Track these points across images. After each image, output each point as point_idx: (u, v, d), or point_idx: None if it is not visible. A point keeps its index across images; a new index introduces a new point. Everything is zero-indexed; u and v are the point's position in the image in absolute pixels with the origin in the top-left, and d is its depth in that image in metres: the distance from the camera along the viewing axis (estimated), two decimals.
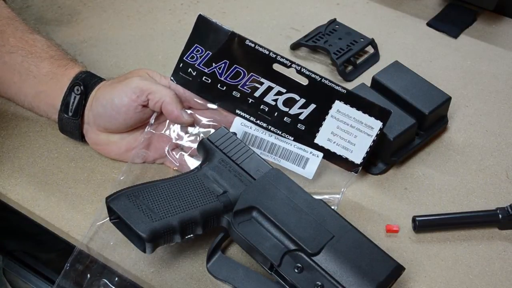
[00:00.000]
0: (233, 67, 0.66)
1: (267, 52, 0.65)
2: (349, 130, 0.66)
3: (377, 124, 0.65)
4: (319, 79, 0.65)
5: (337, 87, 0.65)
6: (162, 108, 0.65)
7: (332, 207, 0.60)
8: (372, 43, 0.86)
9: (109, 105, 0.64)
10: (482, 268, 0.63)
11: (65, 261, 0.62)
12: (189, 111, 0.67)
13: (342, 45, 0.84)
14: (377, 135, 0.65)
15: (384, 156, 0.70)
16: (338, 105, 0.65)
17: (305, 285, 0.54)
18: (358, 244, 0.57)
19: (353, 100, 0.65)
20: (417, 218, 0.65)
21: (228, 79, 0.67)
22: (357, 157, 0.66)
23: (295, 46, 0.86)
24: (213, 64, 0.66)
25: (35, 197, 0.67)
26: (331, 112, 0.66)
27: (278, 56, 0.65)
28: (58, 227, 0.65)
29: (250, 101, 0.67)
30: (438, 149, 0.75)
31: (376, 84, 0.74)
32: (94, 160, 0.70)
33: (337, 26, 0.88)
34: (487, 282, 0.62)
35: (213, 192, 0.59)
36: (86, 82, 0.66)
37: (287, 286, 0.56)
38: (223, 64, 0.66)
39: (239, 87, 0.67)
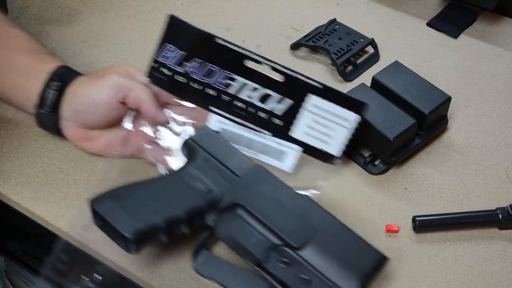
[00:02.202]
0: (206, 65, 0.67)
1: (238, 50, 0.66)
2: (325, 123, 0.67)
3: (353, 116, 0.66)
4: (293, 75, 0.66)
5: (312, 82, 0.66)
6: (139, 106, 0.65)
7: (316, 201, 0.61)
8: (372, 43, 0.86)
9: (88, 102, 0.65)
10: (482, 268, 0.63)
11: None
12: (166, 110, 0.68)
13: (342, 45, 0.84)
14: (356, 128, 0.66)
15: (384, 156, 0.70)
16: (313, 99, 0.66)
17: (291, 280, 0.55)
18: (343, 237, 0.57)
19: (328, 94, 0.66)
20: (417, 218, 0.65)
21: (201, 77, 0.68)
22: (335, 149, 0.67)
23: (295, 46, 0.86)
24: (186, 63, 0.68)
25: (35, 197, 0.67)
26: (307, 106, 0.67)
27: (249, 53, 0.66)
28: (58, 227, 0.65)
29: (224, 98, 0.68)
30: (438, 149, 0.75)
31: (376, 84, 0.74)
32: (94, 160, 0.70)
33: (337, 26, 0.88)
34: (487, 282, 0.62)
35: (198, 191, 0.59)
36: (64, 77, 0.66)
37: (273, 282, 0.56)
38: (196, 63, 0.68)
39: (213, 84, 0.68)
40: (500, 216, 0.65)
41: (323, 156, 0.68)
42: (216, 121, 0.68)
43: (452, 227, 0.66)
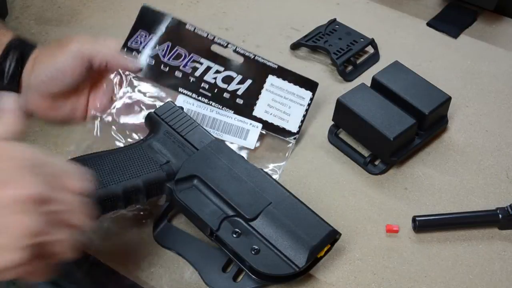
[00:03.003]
0: (175, 48, 0.73)
1: (205, 35, 0.72)
2: (283, 102, 0.73)
3: (308, 94, 0.73)
4: (252, 56, 0.73)
5: (269, 63, 0.73)
6: (108, 66, 0.66)
7: (276, 176, 0.64)
8: (372, 43, 0.86)
9: (53, 72, 0.64)
10: (482, 268, 0.63)
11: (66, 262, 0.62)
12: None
13: (342, 45, 0.84)
14: (308, 104, 0.73)
15: (384, 156, 0.70)
16: (271, 79, 0.73)
17: (242, 249, 0.57)
18: (295, 210, 0.59)
19: (284, 73, 0.73)
20: (417, 218, 0.65)
21: (170, 60, 0.72)
22: (293, 127, 0.72)
23: (295, 46, 0.86)
24: (157, 46, 0.73)
25: None
26: (266, 86, 0.73)
27: (215, 38, 0.73)
28: None
29: (191, 80, 0.72)
30: (438, 149, 0.75)
31: (376, 84, 0.74)
32: None
33: (337, 26, 0.88)
34: (487, 282, 0.62)
35: (156, 162, 0.61)
36: (21, 49, 0.65)
37: (225, 250, 0.58)
38: (165, 46, 0.73)
39: (181, 67, 0.72)
40: (500, 216, 0.65)
41: (283, 133, 0.72)
42: (182, 102, 0.72)
43: (452, 227, 0.66)
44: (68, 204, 0.44)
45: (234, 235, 0.57)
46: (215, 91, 0.72)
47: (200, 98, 0.72)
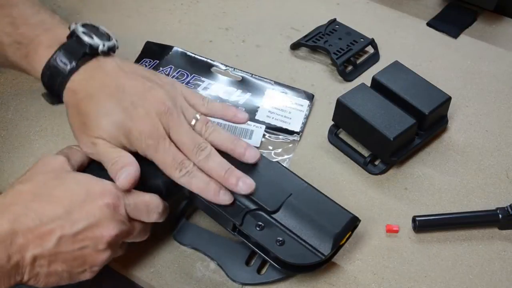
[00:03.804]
0: (178, 70, 0.80)
1: (205, 60, 0.82)
2: (283, 108, 0.77)
3: (305, 102, 0.78)
4: (249, 76, 0.80)
5: (265, 79, 0.80)
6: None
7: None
8: (372, 43, 0.86)
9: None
10: (482, 268, 0.63)
11: None
12: None
13: (342, 45, 0.84)
14: (307, 110, 0.78)
15: (384, 156, 0.70)
16: (269, 92, 0.79)
17: (267, 241, 0.57)
18: (315, 200, 0.59)
19: (280, 87, 0.80)
20: (417, 218, 0.65)
21: (174, 78, 0.78)
22: (296, 127, 0.76)
23: (295, 46, 0.86)
24: (160, 68, 0.80)
25: None
26: (265, 97, 0.78)
27: (215, 61, 0.82)
28: None
29: None
30: (438, 149, 0.75)
31: (376, 84, 0.74)
32: None
33: (337, 26, 0.88)
34: (487, 282, 0.62)
35: None
36: (51, 82, 0.60)
37: (249, 244, 0.59)
38: (168, 68, 0.81)
39: (184, 84, 0.78)
40: (500, 216, 0.65)
41: (286, 132, 0.75)
42: None
43: (452, 227, 0.66)
44: (139, 227, 0.57)
45: (258, 228, 0.57)
46: (218, 101, 0.75)
47: None
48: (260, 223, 0.57)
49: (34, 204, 0.50)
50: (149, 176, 0.58)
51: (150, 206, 0.56)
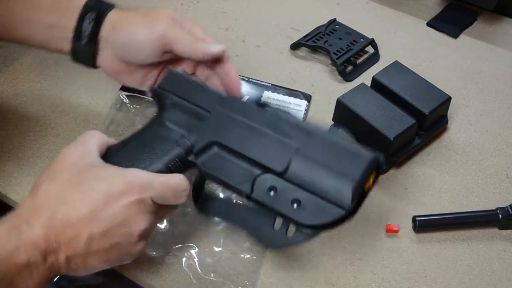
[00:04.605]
0: None
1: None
2: (283, 108, 0.78)
3: (303, 103, 0.79)
4: (247, 79, 0.80)
5: (262, 82, 0.80)
6: (189, 58, 0.63)
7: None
8: (372, 43, 0.86)
9: (132, 42, 0.62)
10: (482, 268, 0.63)
11: None
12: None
13: (342, 45, 0.84)
14: (305, 109, 0.78)
15: (384, 156, 0.70)
16: (267, 93, 0.79)
17: (282, 206, 0.53)
18: (326, 147, 0.54)
19: (278, 89, 0.80)
20: (417, 218, 0.65)
21: None
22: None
23: (295, 46, 0.86)
24: None
25: None
26: (263, 99, 0.79)
27: None
28: None
29: None
30: (438, 149, 0.75)
31: (376, 84, 0.74)
32: None
33: (337, 26, 0.88)
34: (487, 282, 0.62)
35: (171, 139, 0.58)
36: (98, 8, 0.63)
37: (266, 210, 0.55)
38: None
39: None
40: (500, 216, 0.65)
41: None
42: None
43: (452, 227, 0.66)
44: (169, 210, 0.58)
45: (270, 193, 0.53)
46: None
47: None
48: (271, 186, 0.53)
49: (61, 207, 0.50)
50: (150, 162, 0.56)
51: (177, 190, 0.55)
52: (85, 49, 0.64)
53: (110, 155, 0.57)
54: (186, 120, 0.59)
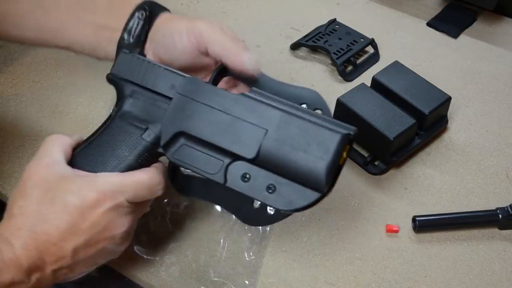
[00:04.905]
0: None
1: None
2: None
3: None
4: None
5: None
6: (224, 61, 0.59)
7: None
8: (372, 43, 0.86)
9: (168, 39, 0.60)
10: (482, 268, 0.63)
11: None
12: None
13: (342, 45, 0.84)
14: None
15: (384, 156, 0.70)
16: None
17: (257, 192, 0.52)
18: (295, 128, 0.52)
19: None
20: (417, 218, 0.65)
21: None
22: None
23: (295, 46, 0.86)
24: None
25: None
26: None
27: None
28: None
29: None
30: (438, 149, 0.75)
31: (376, 84, 0.74)
32: None
33: (337, 26, 0.88)
34: (487, 282, 0.62)
35: (135, 134, 0.55)
36: (151, 9, 0.61)
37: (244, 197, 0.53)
38: None
39: None
40: (500, 216, 0.65)
41: None
42: None
43: (452, 227, 0.66)
44: (148, 203, 0.57)
45: (243, 180, 0.52)
46: None
47: None
48: (244, 173, 0.52)
49: (39, 226, 0.50)
50: (120, 159, 0.55)
51: (151, 186, 0.54)
52: (132, 47, 0.61)
53: (77, 159, 0.55)
54: (148, 110, 0.56)
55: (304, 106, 0.57)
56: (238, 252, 0.63)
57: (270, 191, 0.51)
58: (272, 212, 0.57)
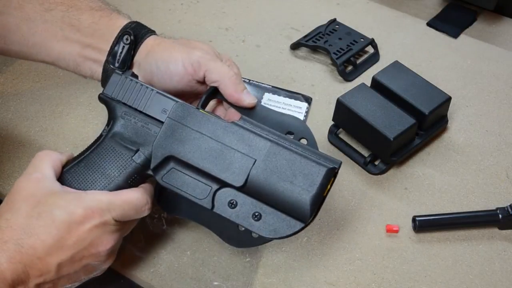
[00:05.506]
0: None
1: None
2: (283, 111, 0.72)
3: (304, 105, 0.79)
4: (247, 80, 0.80)
5: (263, 84, 0.80)
6: (220, 89, 0.60)
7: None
8: (372, 43, 0.86)
9: (163, 68, 0.60)
10: (482, 268, 0.63)
11: None
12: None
13: (342, 45, 0.84)
14: (306, 111, 0.78)
15: (384, 156, 0.70)
16: (267, 95, 0.80)
17: (243, 219, 0.54)
18: (282, 159, 0.54)
19: (279, 91, 0.80)
20: (417, 218, 0.65)
21: None
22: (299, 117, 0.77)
23: (295, 46, 0.86)
24: None
25: None
26: (264, 101, 0.79)
27: None
28: None
29: None
30: (438, 149, 0.75)
31: (376, 84, 0.74)
32: None
33: (337, 26, 0.88)
34: (487, 282, 0.62)
35: (125, 155, 0.56)
36: (136, 32, 0.62)
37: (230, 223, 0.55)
38: None
39: None
40: (500, 216, 0.65)
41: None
42: None
43: (452, 227, 0.66)
44: (134, 223, 0.58)
45: (230, 207, 0.54)
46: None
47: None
48: (231, 200, 0.54)
49: (26, 241, 0.50)
50: (109, 180, 0.56)
51: (138, 206, 0.55)
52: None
53: (67, 176, 0.56)
54: (139, 132, 0.57)
55: (291, 136, 0.59)
56: (237, 253, 0.63)
57: (256, 218, 0.53)
58: (256, 236, 0.58)
